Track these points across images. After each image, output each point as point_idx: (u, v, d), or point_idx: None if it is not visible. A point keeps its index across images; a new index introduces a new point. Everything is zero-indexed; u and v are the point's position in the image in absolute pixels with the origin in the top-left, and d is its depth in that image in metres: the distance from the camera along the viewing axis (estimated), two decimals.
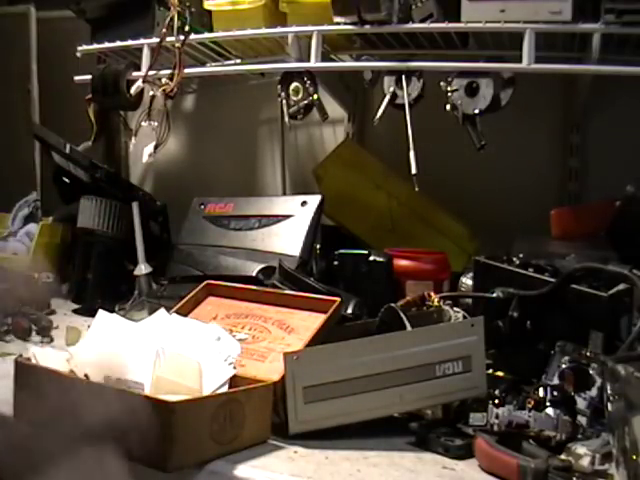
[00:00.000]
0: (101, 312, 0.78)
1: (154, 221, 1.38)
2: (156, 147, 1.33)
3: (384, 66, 1.17)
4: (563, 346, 0.77)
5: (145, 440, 0.59)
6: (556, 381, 0.75)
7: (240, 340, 0.81)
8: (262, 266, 1.11)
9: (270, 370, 0.75)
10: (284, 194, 1.56)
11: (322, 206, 1.17)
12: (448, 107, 1.10)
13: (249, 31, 1.19)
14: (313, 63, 1.13)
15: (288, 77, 1.24)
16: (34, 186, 1.70)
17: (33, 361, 0.72)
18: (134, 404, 0.60)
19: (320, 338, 0.79)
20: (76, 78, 1.38)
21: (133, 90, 1.28)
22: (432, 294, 0.87)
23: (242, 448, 0.67)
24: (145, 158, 1.34)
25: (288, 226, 1.16)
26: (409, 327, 0.76)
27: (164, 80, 1.24)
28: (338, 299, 0.84)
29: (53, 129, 1.41)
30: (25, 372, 0.71)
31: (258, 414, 0.69)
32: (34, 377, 0.70)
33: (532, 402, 0.68)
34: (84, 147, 1.43)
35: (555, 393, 0.69)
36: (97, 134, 1.45)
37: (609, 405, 0.61)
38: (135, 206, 1.29)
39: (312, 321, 0.82)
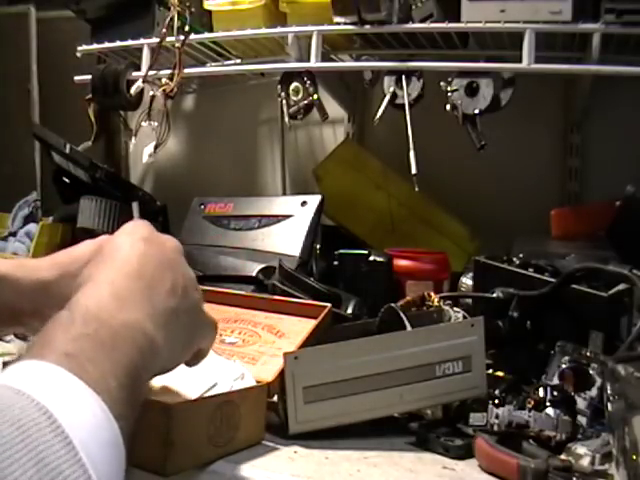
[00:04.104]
0: None
1: (154, 221, 1.38)
2: (156, 147, 1.33)
3: (384, 66, 1.17)
4: (563, 346, 0.77)
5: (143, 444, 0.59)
6: (556, 381, 0.75)
7: (230, 343, 0.81)
8: (262, 266, 1.10)
9: (262, 372, 0.74)
10: (284, 194, 1.56)
11: (322, 206, 1.17)
12: (448, 107, 1.10)
13: (249, 31, 1.19)
14: (313, 63, 1.13)
15: (288, 77, 1.24)
16: (34, 186, 1.69)
17: None
18: None
19: (312, 343, 0.78)
20: (76, 78, 1.37)
21: (133, 90, 1.28)
22: (432, 294, 0.86)
23: (237, 450, 0.66)
24: (145, 158, 1.34)
25: (288, 226, 1.16)
26: (409, 327, 0.76)
27: (164, 80, 1.24)
28: (329, 305, 0.83)
29: (53, 129, 1.41)
30: None
31: (253, 415, 0.68)
32: None
33: (532, 402, 0.68)
34: (84, 147, 1.43)
35: (555, 393, 0.68)
36: (97, 134, 1.44)
37: (609, 405, 0.61)
38: (135, 206, 1.29)
39: (302, 326, 0.82)
